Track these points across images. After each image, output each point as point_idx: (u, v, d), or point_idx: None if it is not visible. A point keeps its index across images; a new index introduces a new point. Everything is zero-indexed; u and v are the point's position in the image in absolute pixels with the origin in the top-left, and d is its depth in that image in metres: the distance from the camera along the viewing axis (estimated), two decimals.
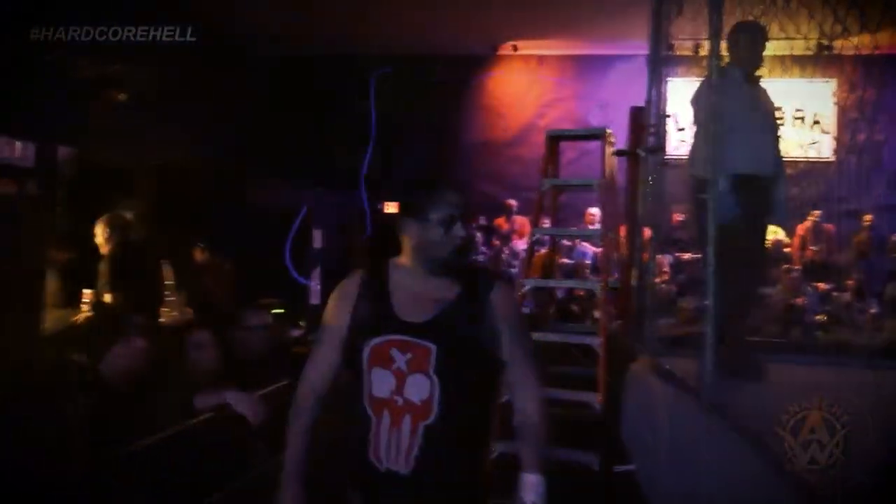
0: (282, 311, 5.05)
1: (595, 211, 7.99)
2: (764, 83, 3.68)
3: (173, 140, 7.71)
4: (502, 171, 9.93)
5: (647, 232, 4.46)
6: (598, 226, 6.65)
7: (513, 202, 9.20)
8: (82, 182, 5.64)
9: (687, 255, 7.79)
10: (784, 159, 3.82)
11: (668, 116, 4.42)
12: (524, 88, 10.12)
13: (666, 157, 4.37)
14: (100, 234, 4.81)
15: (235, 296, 6.16)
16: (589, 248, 8.38)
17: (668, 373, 3.30)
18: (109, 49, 6.47)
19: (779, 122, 4.72)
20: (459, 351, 1.80)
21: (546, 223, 5.56)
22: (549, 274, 5.19)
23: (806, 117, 9.06)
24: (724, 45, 3.24)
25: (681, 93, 4.03)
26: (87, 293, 4.73)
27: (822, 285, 7.33)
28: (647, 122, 4.30)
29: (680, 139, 4.98)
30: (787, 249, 8.09)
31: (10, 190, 5.33)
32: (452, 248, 1.85)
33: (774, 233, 7.64)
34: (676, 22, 4.09)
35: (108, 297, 4.65)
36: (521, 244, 8.40)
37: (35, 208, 5.29)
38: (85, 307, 4.73)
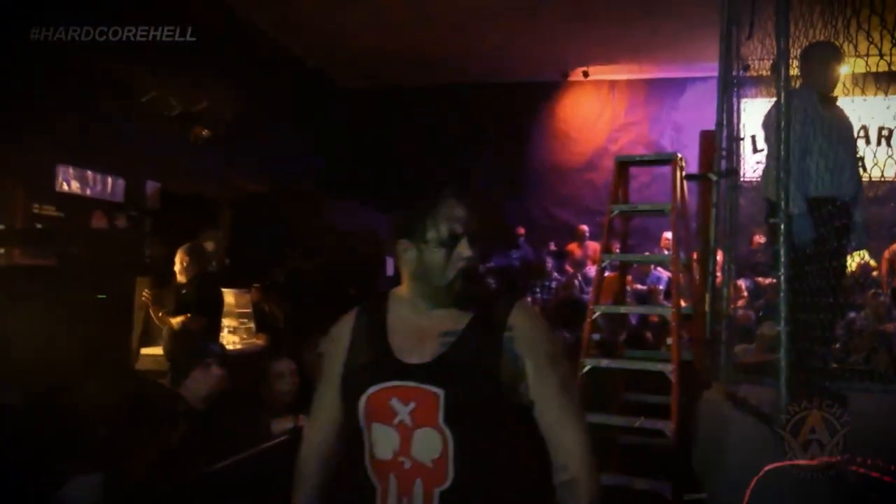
0: None
1: (671, 235, 7.83)
2: (845, 102, 3.58)
3: (253, 168, 8.02)
4: (575, 196, 9.91)
5: (721, 256, 4.36)
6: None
7: (585, 227, 9.14)
8: (166, 213, 5.92)
9: (767, 280, 7.54)
10: (868, 180, 3.71)
11: (742, 139, 4.33)
12: (596, 113, 10.10)
13: (742, 180, 4.27)
14: (179, 262, 4.97)
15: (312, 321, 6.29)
16: (664, 273, 8.22)
17: (742, 400, 3.22)
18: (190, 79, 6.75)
19: (861, 141, 4.56)
20: (474, 394, 1.47)
21: (616, 248, 5.53)
22: (620, 299, 5.11)
23: (894, 136, 8.68)
24: (795, 66, 3.18)
25: (758, 114, 3.95)
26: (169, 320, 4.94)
27: None
28: (717, 145, 4.23)
29: (757, 161, 4.86)
30: (874, 274, 7.74)
31: (102, 224, 5.67)
32: (457, 273, 1.52)
33: (862, 257, 7.34)
34: (747, 44, 4.03)
35: (182, 321, 4.81)
36: (594, 270, 8.29)
37: (125, 240, 5.62)
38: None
